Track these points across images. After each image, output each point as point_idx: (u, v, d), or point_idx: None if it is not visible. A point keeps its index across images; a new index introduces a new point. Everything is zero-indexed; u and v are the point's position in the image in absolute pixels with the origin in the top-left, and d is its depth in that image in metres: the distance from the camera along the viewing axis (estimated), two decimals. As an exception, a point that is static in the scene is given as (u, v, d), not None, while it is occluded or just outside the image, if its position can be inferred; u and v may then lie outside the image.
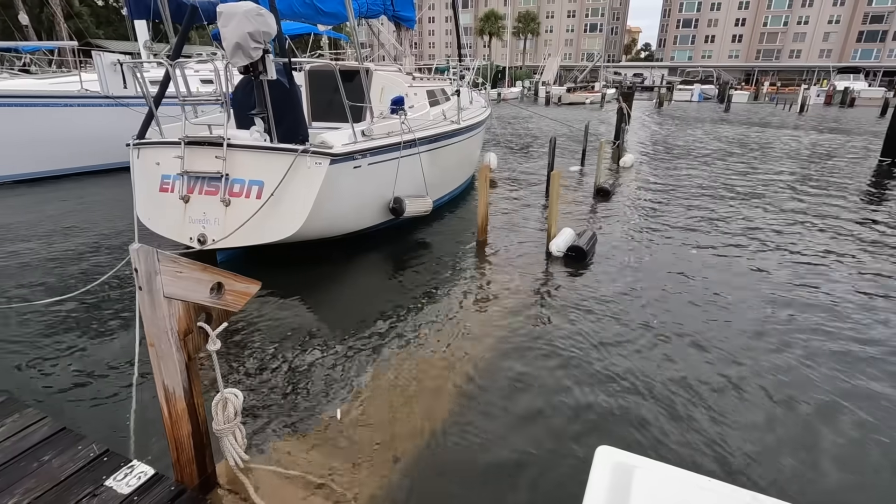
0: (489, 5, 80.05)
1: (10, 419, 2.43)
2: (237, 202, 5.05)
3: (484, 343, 4.09)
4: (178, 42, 5.85)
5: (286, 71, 5.61)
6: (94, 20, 40.72)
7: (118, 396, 3.33)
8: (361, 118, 6.26)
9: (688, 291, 5.10)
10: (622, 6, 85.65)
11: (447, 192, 8.09)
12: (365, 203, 5.92)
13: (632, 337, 4.18)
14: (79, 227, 7.15)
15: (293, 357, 3.85)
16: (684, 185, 10.31)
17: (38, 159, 10.10)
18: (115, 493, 2.04)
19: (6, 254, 6.09)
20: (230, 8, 4.62)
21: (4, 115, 9.40)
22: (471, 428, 3.07)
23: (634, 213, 8.14)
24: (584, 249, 5.77)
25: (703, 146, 16.43)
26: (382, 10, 8.23)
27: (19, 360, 3.79)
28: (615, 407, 3.26)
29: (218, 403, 2.29)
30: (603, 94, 40.83)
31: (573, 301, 4.85)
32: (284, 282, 5.17)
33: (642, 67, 77.42)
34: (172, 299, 1.93)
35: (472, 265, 5.96)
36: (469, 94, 10.26)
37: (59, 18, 27.12)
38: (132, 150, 5.49)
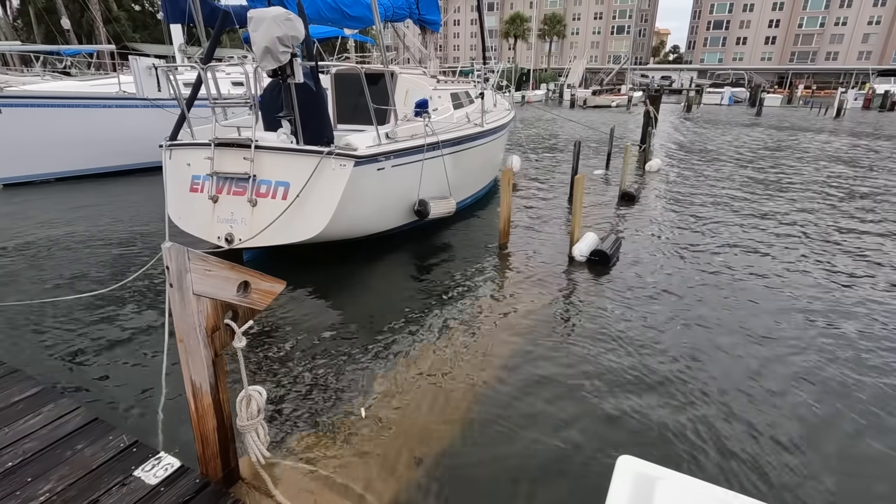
0: (515, 8, 79.82)
1: (46, 408, 2.53)
2: (263, 202, 5.15)
3: (505, 346, 4.07)
4: (210, 46, 6.00)
5: (313, 74, 5.70)
6: (131, 24, 42.18)
7: (147, 389, 3.44)
8: (386, 121, 6.32)
9: (714, 300, 4.98)
10: (650, 8, 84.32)
11: (470, 194, 8.10)
12: (388, 204, 5.97)
13: (656, 344, 4.10)
14: (114, 225, 7.41)
15: (315, 355, 3.91)
16: (712, 190, 10.08)
17: (79, 158, 10.52)
18: (143, 484, 2.10)
19: (45, 249, 6.36)
20: (260, 13, 4.71)
21: (49, 115, 9.83)
22: (492, 431, 3.06)
23: (660, 218, 7.99)
24: (607, 254, 5.69)
25: (732, 151, 16.03)
26: (408, 14, 8.30)
27: (55, 352, 3.95)
28: (637, 415, 3.21)
29: (242, 400, 2.34)
30: (629, 96, 40.22)
31: (596, 306, 4.79)
32: (308, 281, 5.25)
33: (670, 70, 76.03)
34: (201, 297, 1.98)
35: (494, 267, 5.94)
36: (493, 97, 10.25)
37: (98, 23, 28.17)
38: (164, 151, 5.65)
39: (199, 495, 2.08)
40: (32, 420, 2.44)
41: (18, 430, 2.36)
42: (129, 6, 44.50)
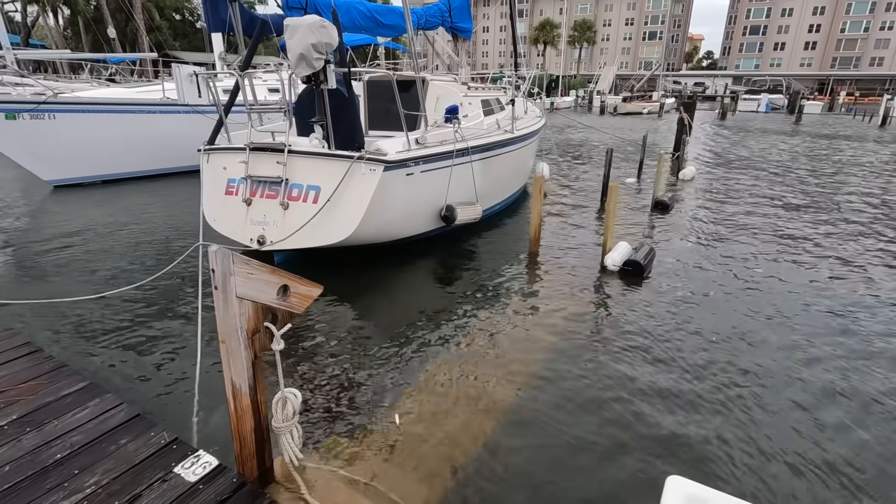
0: (544, 14, 79.59)
1: (92, 403, 2.62)
2: (295, 206, 5.24)
3: (537, 356, 4.02)
4: (248, 54, 6.18)
5: (346, 80, 5.78)
6: (172, 33, 43.82)
7: (183, 388, 3.53)
8: (416, 127, 6.36)
9: (753, 315, 4.80)
10: (684, 13, 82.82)
11: (498, 201, 8.06)
12: (416, 210, 6.00)
13: (691, 359, 3.98)
14: (155, 226, 7.68)
15: (345, 359, 3.94)
16: (749, 199, 9.77)
17: (125, 161, 10.99)
18: (182, 481, 2.15)
19: (90, 248, 6.63)
20: (296, 21, 4.82)
21: (98, 120, 10.30)
22: (528, 443, 3.02)
23: (695, 228, 7.79)
24: (641, 264, 5.57)
25: (770, 159, 15.52)
26: (440, 23, 8.37)
27: (98, 348, 4.10)
28: (678, 432, 3.10)
29: (278, 401, 2.37)
30: (661, 103, 39.50)
31: (629, 318, 4.69)
32: (337, 285, 5.31)
33: (704, 76, 74.31)
34: (243, 300, 2.02)
35: (524, 275, 5.89)
36: (524, 104, 10.21)
37: (141, 32, 29.39)
38: (202, 155, 5.82)
39: (235, 494, 2.11)
40: (80, 414, 2.53)
41: (67, 423, 2.45)
42: (170, 16, 46.28)
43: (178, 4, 48.87)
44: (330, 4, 6.60)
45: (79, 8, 35.12)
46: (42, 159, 9.86)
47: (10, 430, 2.40)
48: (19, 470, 2.15)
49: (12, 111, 9.18)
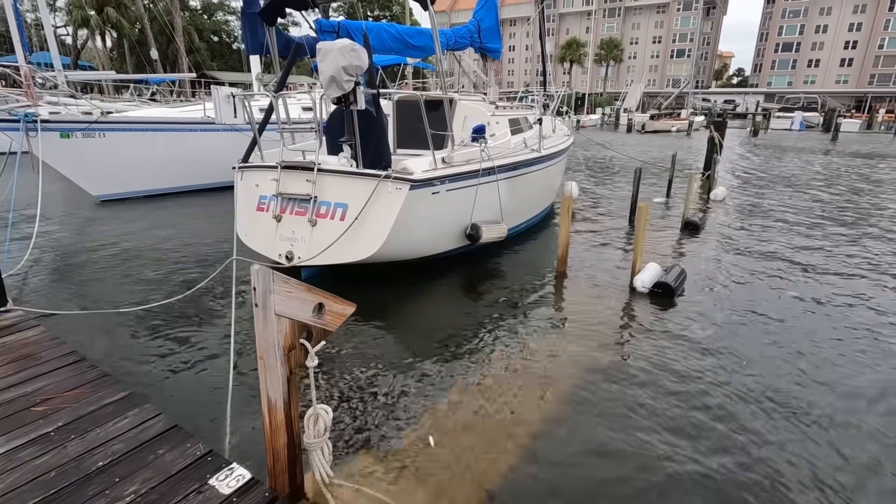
0: (571, 33, 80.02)
1: (132, 412, 2.71)
2: (323, 223, 5.35)
3: (566, 379, 3.98)
4: (282, 76, 6.41)
5: (375, 101, 5.93)
6: (209, 54, 45.74)
7: (217, 400, 3.61)
8: (443, 146, 6.45)
9: (787, 342, 4.63)
10: (713, 30, 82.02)
11: (525, 219, 8.05)
12: (442, 228, 6.04)
13: (725, 391, 3.84)
14: (192, 240, 7.94)
15: (375, 377, 3.97)
16: (782, 220, 9.50)
17: (167, 177, 11.50)
18: (217, 493, 2.19)
19: (131, 260, 6.90)
20: (328, 45, 4.98)
21: (143, 138, 10.84)
22: (557, 469, 2.97)
23: (727, 250, 7.60)
24: (672, 286, 5.47)
25: (804, 179, 15.09)
26: (469, 43, 8.50)
27: (137, 359, 4.24)
28: (706, 472, 3.00)
29: (310, 417, 2.41)
30: (690, 121, 38.97)
31: (659, 342, 4.59)
32: (363, 302, 5.35)
33: (735, 93, 73.14)
34: (281, 317, 2.08)
35: (551, 295, 5.85)
36: (552, 123, 10.24)
37: (182, 53, 30.76)
38: (236, 172, 6.02)
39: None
40: (120, 423, 2.61)
41: (108, 432, 2.54)
42: (208, 37, 48.42)
43: (215, 27, 51.17)
44: (361, 28, 6.82)
45: (125, 31, 37.09)
46: (91, 175, 10.40)
47: (56, 436, 2.50)
48: (64, 476, 2.24)
49: (67, 130, 9.73)
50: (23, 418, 2.62)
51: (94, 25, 36.54)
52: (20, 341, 3.46)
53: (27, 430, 2.53)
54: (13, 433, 2.50)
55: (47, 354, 3.29)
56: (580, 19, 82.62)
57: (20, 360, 3.20)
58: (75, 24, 37.95)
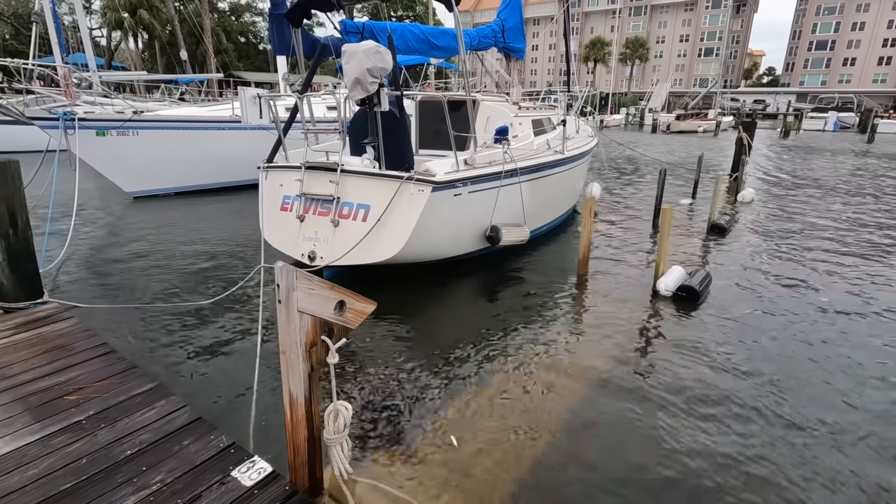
0: (595, 32, 79.02)
1: (158, 404, 2.78)
2: (345, 224, 5.39)
3: (586, 382, 3.94)
4: (307, 77, 6.49)
5: (398, 102, 5.94)
6: (236, 54, 46.68)
7: (241, 394, 3.69)
8: (466, 147, 6.44)
9: (817, 353, 4.46)
10: (743, 28, 79.96)
11: (547, 222, 7.99)
12: (462, 230, 6.03)
13: (750, 401, 3.71)
14: (220, 237, 8.12)
15: (393, 376, 3.99)
16: (815, 225, 9.20)
17: (197, 175, 11.81)
18: (238, 484, 2.24)
19: (162, 256, 7.09)
20: (353, 48, 5.01)
21: (174, 137, 11.17)
22: (585, 475, 2.95)
23: (755, 254, 7.40)
24: (696, 290, 5.35)
25: (838, 181, 14.59)
26: (493, 43, 8.46)
27: (165, 352, 4.36)
28: (729, 489, 2.92)
29: (330, 413, 2.43)
30: (718, 121, 38.08)
31: (682, 347, 4.50)
32: (383, 303, 5.37)
33: (765, 93, 71.17)
34: (304, 313, 2.11)
35: (572, 298, 5.79)
36: (576, 123, 10.13)
37: (210, 54, 31.49)
38: (261, 172, 6.11)
39: (288, 502, 2.18)
40: (148, 413, 2.69)
41: (136, 422, 2.62)
42: (235, 38, 49.40)
43: (243, 28, 52.20)
44: (385, 28, 6.85)
45: (156, 33, 38.16)
46: (125, 172, 10.76)
47: (88, 424, 2.59)
48: (94, 463, 2.31)
49: (102, 128, 10.08)
50: (56, 406, 2.73)
51: (127, 27, 37.71)
52: (54, 332, 3.60)
53: (60, 418, 2.62)
54: (48, 420, 2.60)
55: (80, 345, 3.41)
56: (605, 18, 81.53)
57: (54, 351, 3.32)
58: (109, 26, 39.23)
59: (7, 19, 37.35)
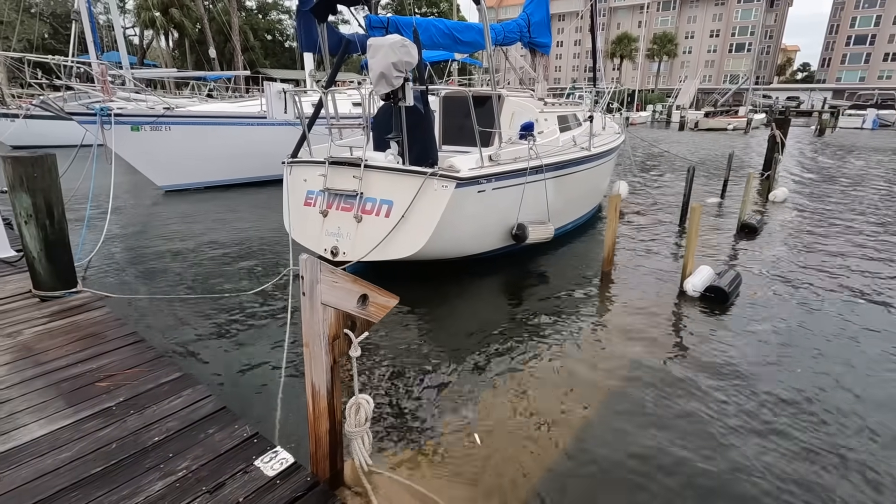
0: (622, 28, 77.58)
1: (185, 392, 2.84)
2: (368, 219, 5.38)
3: (610, 382, 3.86)
4: (332, 72, 6.51)
5: (423, 97, 5.90)
6: (263, 52, 47.43)
7: (264, 385, 3.74)
8: (490, 143, 6.38)
9: (850, 360, 4.26)
10: (777, 23, 77.42)
11: (571, 220, 7.87)
12: (487, 227, 5.97)
13: (778, 410, 3.57)
14: (247, 230, 8.27)
15: (416, 372, 3.99)
16: (850, 226, 8.84)
17: (226, 169, 12.08)
18: (261, 474, 2.26)
19: (194, 249, 7.26)
20: (378, 41, 4.97)
21: (205, 132, 11.44)
22: (606, 475, 2.91)
23: (787, 255, 7.16)
24: (725, 291, 5.20)
25: (877, 182, 13.99)
26: (518, 38, 8.37)
27: (193, 343, 4.45)
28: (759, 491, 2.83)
29: (352, 406, 2.44)
30: (749, 119, 36.97)
31: (710, 350, 4.37)
32: (406, 299, 5.38)
33: (800, 90, 68.79)
34: (327, 306, 2.12)
35: (594, 297, 5.70)
36: (602, 120, 9.96)
37: (237, 51, 32.06)
38: (286, 167, 6.14)
39: (309, 493, 2.19)
40: (175, 401, 2.74)
41: (164, 409, 2.67)
42: (262, 36, 50.22)
43: (269, 26, 53.01)
44: (411, 23, 6.83)
45: (186, 31, 39.07)
46: (157, 166, 11.08)
47: (118, 411, 2.65)
48: (124, 448, 2.37)
49: (137, 123, 10.39)
50: (88, 392, 2.80)
51: (159, 26, 38.70)
52: (87, 320, 3.70)
53: (92, 404, 2.70)
54: (80, 405, 2.68)
55: (111, 334, 3.50)
56: (632, 13, 80.00)
57: (87, 339, 3.42)
58: (142, 25, 40.32)
59: (46, 19, 38.76)
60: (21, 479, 2.16)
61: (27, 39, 29.59)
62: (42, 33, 31.81)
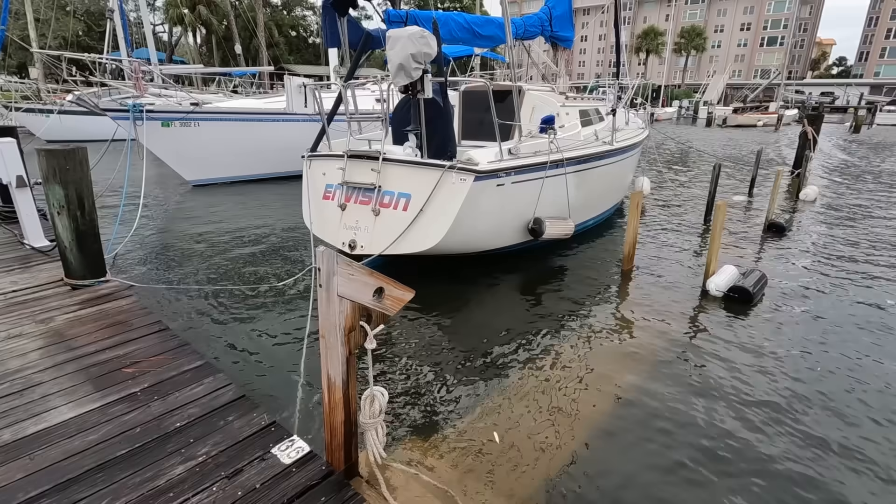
0: (648, 21, 75.93)
1: (206, 380, 2.91)
2: (385, 213, 5.37)
3: (627, 381, 3.82)
4: (351, 67, 6.53)
5: (442, 90, 5.87)
6: (287, 48, 47.97)
7: (282, 376, 3.81)
8: (510, 137, 6.33)
9: (884, 373, 4.08)
10: (812, 16, 74.70)
11: (592, 216, 7.77)
12: (504, 222, 5.92)
13: (803, 417, 3.45)
14: (271, 224, 8.41)
15: (430, 366, 4.01)
16: (884, 228, 8.51)
17: (252, 164, 12.34)
18: (278, 461, 2.31)
19: (219, 242, 7.42)
20: (397, 32, 4.93)
21: (232, 128, 11.71)
22: (611, 470, 2.88)
23: (816, 256, 6.93)
24: (750, 291, 5.07)
25: (917, 180, 13.42)
26: (540, 32, 8.28)
27: (215, 332, 4.56)
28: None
29: (367, 398, 2.47)
30: (780, 115, 35.87)
31: (733, 352, 4.27)
32: (422, 293, 5.39)
33: (835, 85, 66.32)
34: (343, 298, 2.14)
35: (614, 295, 5.62)
36: (626, 115, 9.78)
37: (262, 48, 32.51)
38: (305, 161, 6.17)
39: (324, 482, 2.22)
40: (196, 389, 2.82)
41: (186, 396, 2.75)
42: (287, 32, 50.76)
43: (294, 22, 53.54)
44: (430, 17, 6.80)
45: (213, 28, 39.80)
46: (186, 161, 11.37)
47: (142, 396, 2.74)
48: (147, 433, 2.45)
49: (167, 119, 10.67)
50: (115, 378, 2.90)
51: (187, 23, 39.50)
52: (115, 309, 3.83)
53: (118, 389, 2.79)
54: (107, 390, 2.78)
55: (137, 322, 3.61)
56: (659, 6, 78.19)
57: (115, 326, 3.54)
58: (171, 22, 41.22)
59: (80, 17, 39.97)
60: (51, 459, 2.25)
61: (62, 36, 30.56)
62: (76, 30, 32.81)
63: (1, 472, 2.17)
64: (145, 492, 2.08)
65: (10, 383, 2.83)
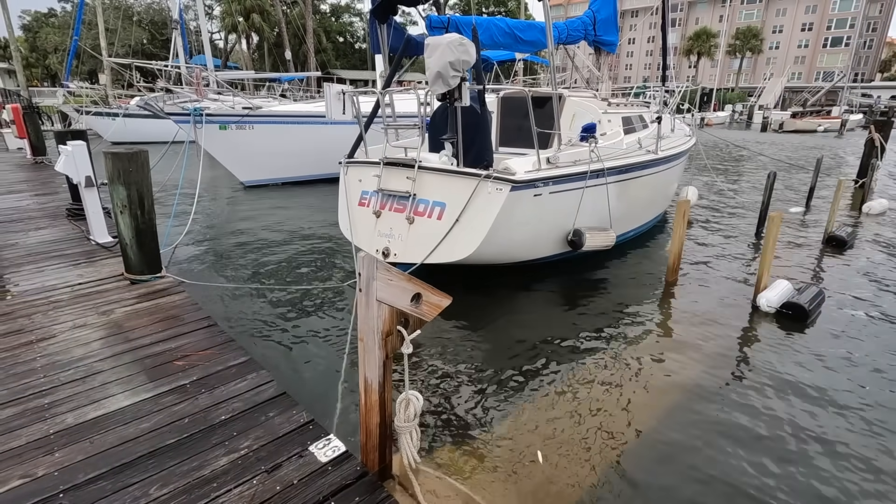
0: (700, 23, 73.22)
1: (250, 376, 3.03)
2: (420, 221, 5.34)
3: (669, 399, 3.70)
4: (391, 72, 6.57)
5: (480, 98, 5.82)
6: (334, 53, 49.31)
7: (321, 376, 3.92)
8: (549, 145, 6.23)
9: None
10: (882, 13, 69.83)
11: (634, 227, 7.53)
12: (542, 232, 5.80)
13: (856, 447, 3.23)
14: (317, 226, 8.64)
15: (466, 374, 4.02)
16: (965, 242, 7.84)
17: (301, 166, 12.80)
18: (314, 459, 2.38)
19: (270, 242, 7.69)
20: (436, 40, 4.89)
21: (283, 131, 12.20)
22: (655, 495, 2.79)
23: (881, 273, 6.47)
24: (805, 308, 4.79)
25: None
26: (583, 36, 8.12)
27: (259, 330, 4.74)
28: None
29: (402, 402, 2.50)
30: (843, 120, 33.75)
31: (785, 372, 4.05)
32: (458, 302, 5.37)
33: (906, 88, 61.71)
34: (382, 303, 2.19)
35: (656, 308, 5.45)
36: (672, 121, 9.47)
37: (311, 54, 33.56)
38: (342, 167, 6.22)
39: (358, 482, 2.27)
40: (240, 384, 2.94)
41: (231, 390, 2.87)
42: (334, 38, 52.24)
43: (341, 28, 55.04)
44: (471, 23, 6.79)
45: (265, 35, 41.47)
46: (241, 163, 11.95)
47: (191, 388, 2.89)
48: (195, 424, 2.58)
49: (224, 122, 11.25)
50: (167, 370, 3.07)
51: (241, 31, 41.35)
52: (169, 304, 4.05)
53: (170, 381, 2.95)
54: (159, 381, 2.94)
55: (188, 317, 3.80)
56: (712, 7, 75.22)
57: (168, 320, 3.74)
58: (226, 30, 43.24)
59: (145, 26, 42.59)
60: (108, 444, 2.41)
61: (128, 44, 32.64)
62: (141, 39, 34.99)
63: (64, 453, 2.34)
64: (191, 480, 2.19)
65: (75, 370, 3.05)
